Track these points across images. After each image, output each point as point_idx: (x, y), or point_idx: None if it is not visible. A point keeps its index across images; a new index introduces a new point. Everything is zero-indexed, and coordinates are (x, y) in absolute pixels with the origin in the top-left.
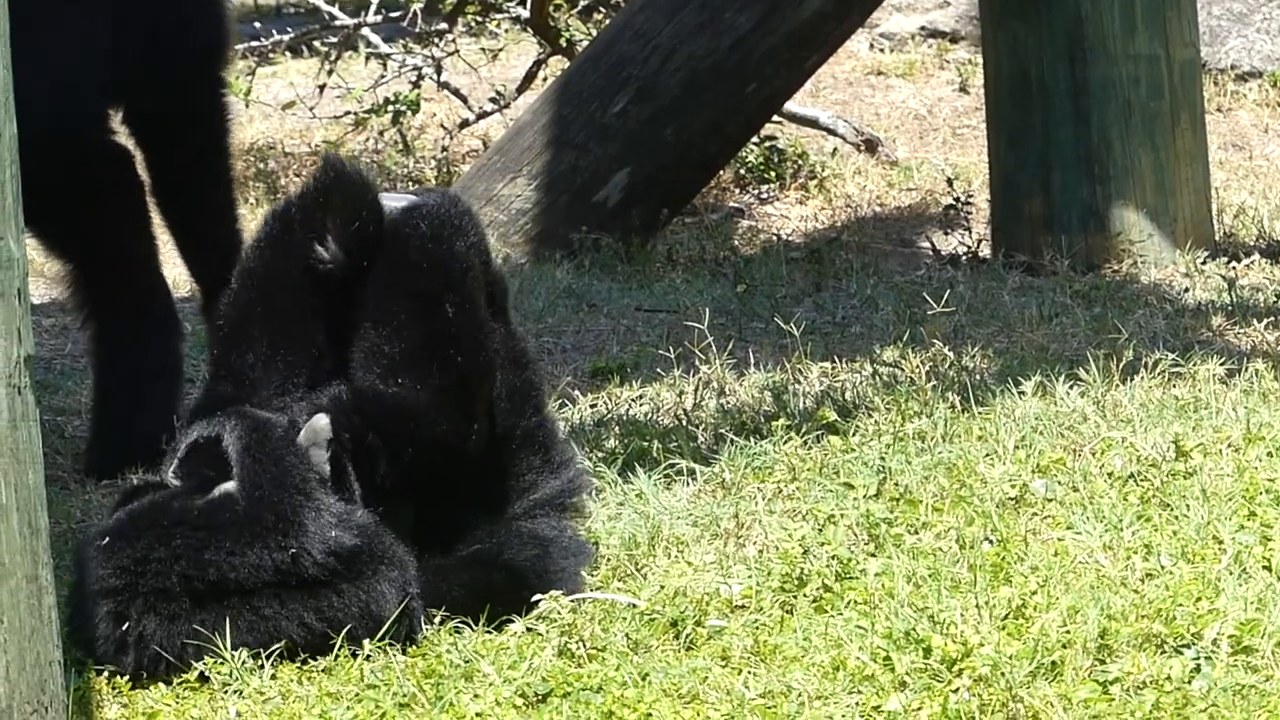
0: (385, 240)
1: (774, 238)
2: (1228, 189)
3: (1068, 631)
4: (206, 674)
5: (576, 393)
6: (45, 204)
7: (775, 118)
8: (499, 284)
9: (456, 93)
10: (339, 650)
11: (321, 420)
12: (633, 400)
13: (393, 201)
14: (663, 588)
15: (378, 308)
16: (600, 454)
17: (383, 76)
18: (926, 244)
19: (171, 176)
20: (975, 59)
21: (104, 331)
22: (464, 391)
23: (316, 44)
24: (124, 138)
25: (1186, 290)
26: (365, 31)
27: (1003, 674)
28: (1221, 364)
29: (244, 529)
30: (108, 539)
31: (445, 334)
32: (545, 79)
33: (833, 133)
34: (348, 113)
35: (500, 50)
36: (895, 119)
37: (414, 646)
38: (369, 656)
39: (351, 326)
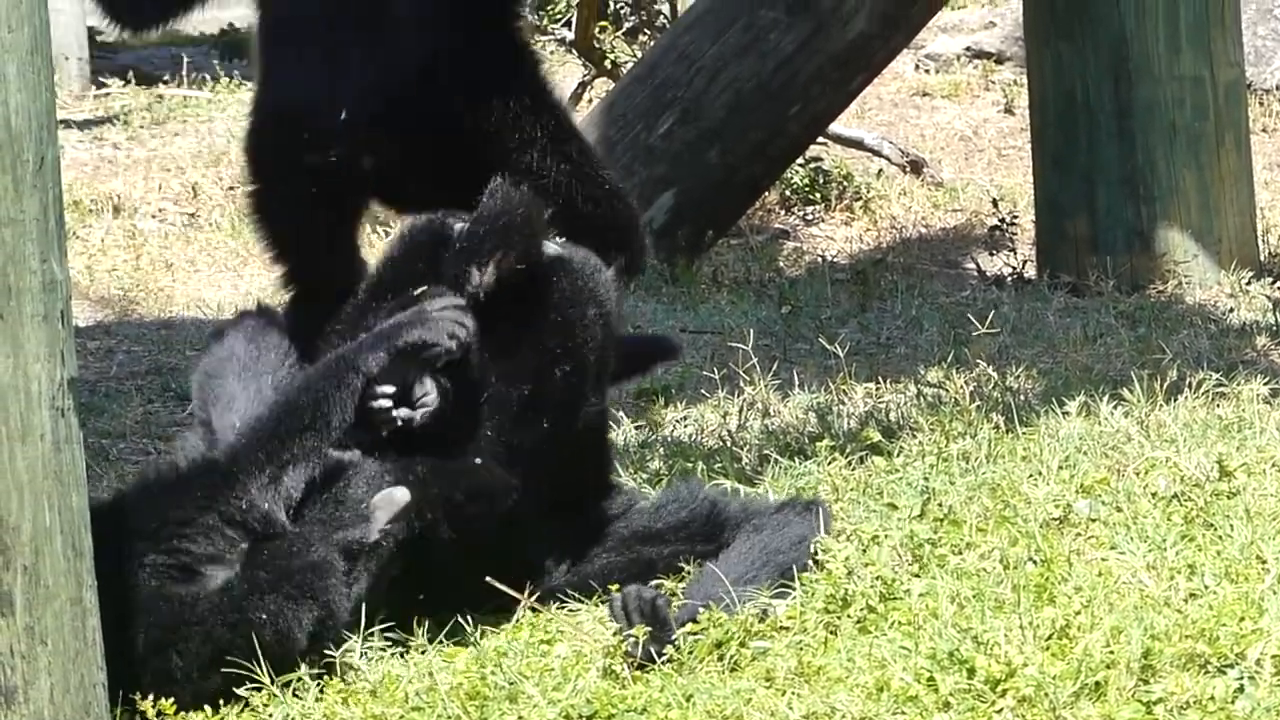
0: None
1: (819, 259)
2: (1273, 209)
3: (1111, 652)
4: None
5: (621, 414)
6: (291, 200)
7: (820, 139)
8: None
9: None
10: (385, 672)
11: (401, 492)
12: (677, 421)
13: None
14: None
15: (503, 339)
16: (645, 475)
17: None
18: (971, 265)
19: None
20: (1020, 80)
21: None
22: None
23: None
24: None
25: (1231, 310)
26: None
27: (1046, 694)
28: (1265, 384)
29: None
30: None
31: (549, 400)
32: (590, 100)
33: (878, 154)
34: None
35: None
36: (940, 140)
37: (460, 667)
38: (411, 680)
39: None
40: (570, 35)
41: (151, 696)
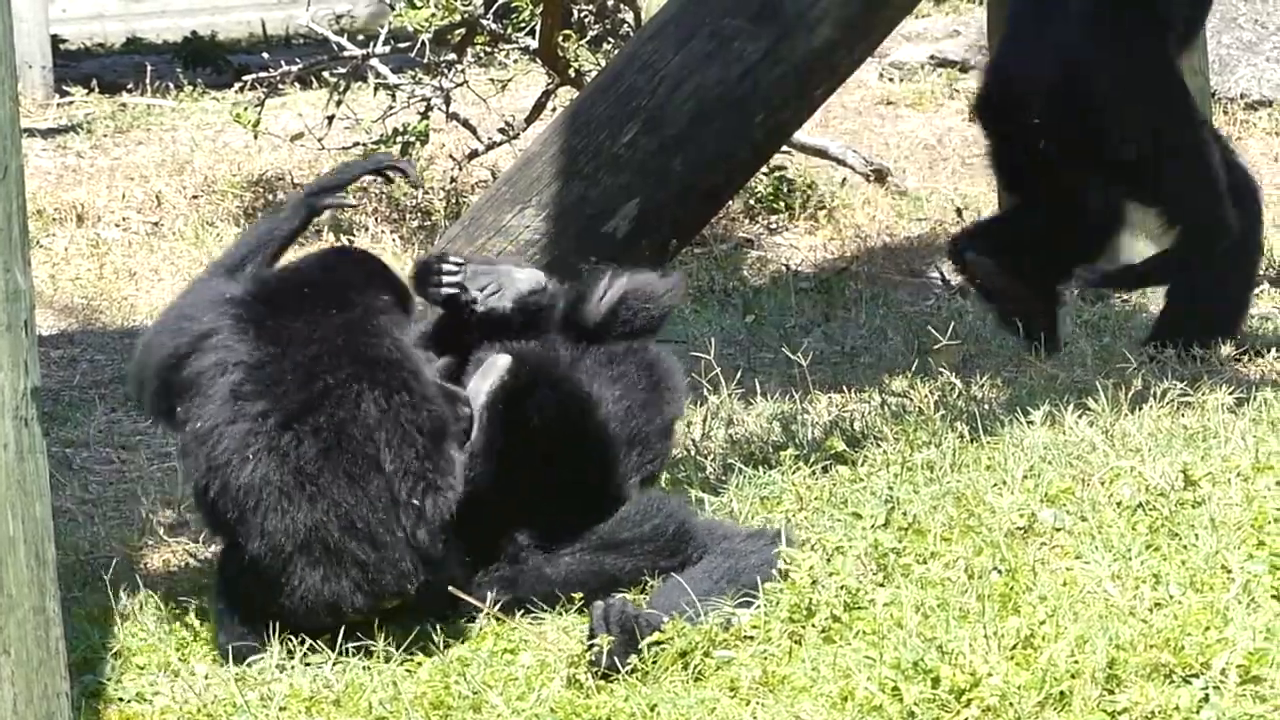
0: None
1: (783, 268)
2: None
3: (1076, 661)
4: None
5: None
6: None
7: (784, 147)
8: None
9: (465, 123)
10: (349, 681)
11: (504, 359)
12: None
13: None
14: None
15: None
16: None
17: (391, 107)
18: (936, 274)
19: None
20: None
21: None
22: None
23: (325, 75)
24: None
25: None
26: (374, 62)
27: (1011, 704)
28: (1230, 393)
29: None
30: None
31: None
32: (554, 109)
33: (842, 163)
34: (356, 144)
35: (509, 81)
36: (905, 149)
37: (424, 677)
38: (375, 689)
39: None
40: (534, 44)
41: (120, 702)
